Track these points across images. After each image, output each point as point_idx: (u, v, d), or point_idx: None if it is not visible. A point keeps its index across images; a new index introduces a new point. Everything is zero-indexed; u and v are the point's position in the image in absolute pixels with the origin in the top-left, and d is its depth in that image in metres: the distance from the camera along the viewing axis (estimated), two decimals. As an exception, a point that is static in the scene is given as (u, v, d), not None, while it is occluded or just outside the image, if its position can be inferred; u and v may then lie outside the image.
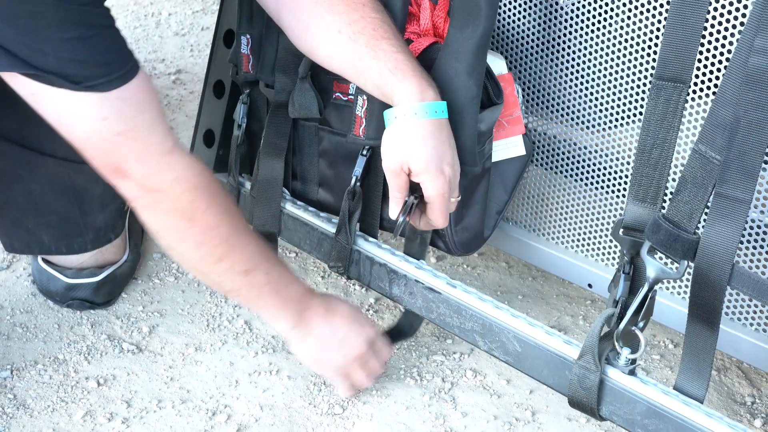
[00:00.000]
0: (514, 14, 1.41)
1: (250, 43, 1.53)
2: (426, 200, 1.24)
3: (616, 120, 1.35)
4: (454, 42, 1.26)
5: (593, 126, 1.39)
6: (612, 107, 1.34)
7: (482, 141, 1.34)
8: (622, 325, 1.16)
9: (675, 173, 1.27)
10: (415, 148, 1.20)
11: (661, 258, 1.16)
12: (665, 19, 1.20)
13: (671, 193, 1.26)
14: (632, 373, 1.18)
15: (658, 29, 1.24)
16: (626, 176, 1.37)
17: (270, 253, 1.33)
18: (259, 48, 1.52)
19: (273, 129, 1.52)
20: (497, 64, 1.38)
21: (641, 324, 1.17)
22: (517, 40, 1.43)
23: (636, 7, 1.25)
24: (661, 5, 1.22)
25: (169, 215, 1.20)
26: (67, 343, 1.59)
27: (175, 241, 1.24)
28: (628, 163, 1.36)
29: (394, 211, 1.27)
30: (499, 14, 1.43)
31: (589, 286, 1.50)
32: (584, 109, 1.38)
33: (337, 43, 1.25)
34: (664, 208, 1.16)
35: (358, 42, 1.23)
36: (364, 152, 1.39)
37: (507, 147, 1.42)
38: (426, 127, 1.20)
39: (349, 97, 1.41)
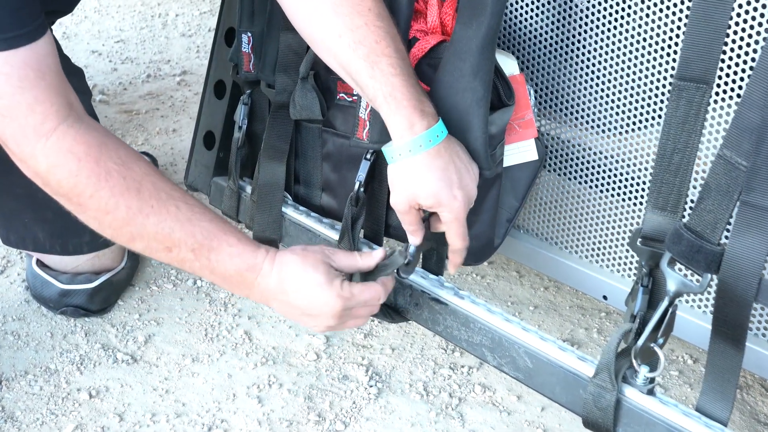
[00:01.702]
0: (527, 12, 1.35)
1: (251, 41, 1.47)
2: (443, 224, 1.20)
3: (634, 123, 1.28)
4: (459, 41, 1.20)
5: (609, 130, 1.32)
6: (629, 110, 1.27)
7: (493, 144, 1.27)
8: (640, 342, 1.09)
9: (696, 180, 1.20)
10: (419, 185, 1.16)
11: (680, 270, 1.09)
12: (687, 16, 1.14)
13: (693, 201, 1.20)
14: (651, 392, 1.11)
15: (678, 27, 1.18)
16: (644, 183, 1.30)
17: (198, 227, 1.15)
18: (260, 46, 1.46)
19: (274, 131, 1.46)
20: (509, 65, 1.32)
21: (661, 340, 1.10)
22: (530, 39, 1.36)
23: (655, 4, 1.19)
24: (682, 2, 1.15)
25: (59, 198, 1.13)
26: (60, 352, 1.54)
27: (83, 221, 1.15)
28: (647, 169, 1.29)
29: (414, 240, 1.23)
30: (511, 12, 1.37)
31: (604, 298, 1.43)
32: (600, 111, 1.32)
33: (337, 46, 1.19)
34: (685, 217, 1.10)
35: (358, 53, 1.16)
36: (368, 156, 1.32)
37: (518, 151, 1.36)
38: (424, 161, 1.15)
39: (354, 97, 1.35)
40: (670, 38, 1.19)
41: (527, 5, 1.35)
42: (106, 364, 1.52)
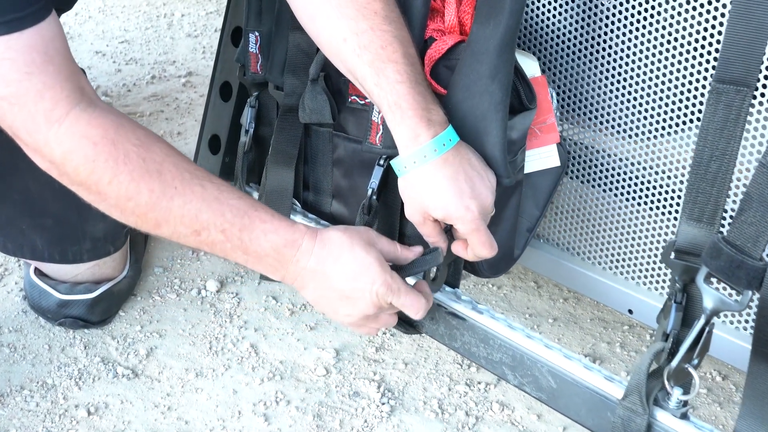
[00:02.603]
0: (549, 11, 1.28)
1: (258, 41, 1.41)
2: (462, 235, 1.14)
3: (664, 128, 1.21)
4: (476, 41, 1.14)
5: (637, 134, 1.25)
6: (660, 114, 1.20)
7: (513, 150, 1.21)
8: (674, 363, 1.02)
9: (731, 190, 1.13)
10: (428, 197, 1.11)
11: (712, 284, 1.02)
12: (723, 15, 1.07)
13: (730, 212, 1.13)
14: (684, 416, 1.04)
15: (713, 26, 1.10)
16: (674, 191, 1.23)
17: (227, 205, 1.09)
18: (268, 46, 1.40)
19: (283, 135, 1.40)
20: (530, 66, 1.26)
21: (696, 361, 1.03)
22: (552, 39, 1.30)
23: (688, 1, 1.11)
24: (719, -1, 1.09)
25: (77, 188, 1.07)
26: (58, 366, 1.47)
27: (105, 211, 1.09)
28: (677, 176, 1.22)
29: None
30: (532, 11, 1.31)
31: (630, 312, 1.36)
32: (627, 115, 1.25)
33: (342, 51, 1.14)
34: (722, 229, 1.03)
35: (363, 58, 1.11)
36: (381, 162, 1.26)
37: (540, 157, 1.30)
38: (431, 171, 1.09)
39: (366, 100, 1.29)
40: (704, 38, 1.12)
41: (549, 2, 1.28)
42: (106, 378, 1.45)
